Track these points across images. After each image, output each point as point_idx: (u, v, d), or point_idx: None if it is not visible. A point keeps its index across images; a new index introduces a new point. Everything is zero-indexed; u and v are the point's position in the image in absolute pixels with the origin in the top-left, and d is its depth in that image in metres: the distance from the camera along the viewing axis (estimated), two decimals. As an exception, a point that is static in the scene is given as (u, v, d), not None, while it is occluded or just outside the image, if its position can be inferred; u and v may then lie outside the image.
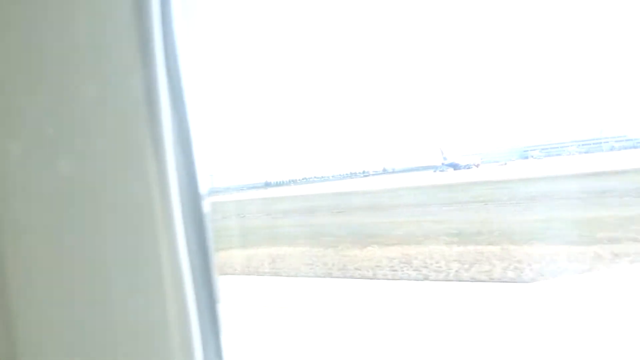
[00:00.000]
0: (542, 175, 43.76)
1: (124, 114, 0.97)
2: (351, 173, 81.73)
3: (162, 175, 1.00)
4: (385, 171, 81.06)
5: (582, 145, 74.97)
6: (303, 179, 78.69)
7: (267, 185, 70.33)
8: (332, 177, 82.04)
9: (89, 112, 0.95)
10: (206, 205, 1.11)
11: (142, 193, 0.99)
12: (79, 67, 0.96)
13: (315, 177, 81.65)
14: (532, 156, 71.33)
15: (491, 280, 11.52)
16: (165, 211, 1.01)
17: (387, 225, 25.38)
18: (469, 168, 61.20)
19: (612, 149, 71.41)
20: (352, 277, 13.88)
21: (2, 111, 0.93)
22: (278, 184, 73.41)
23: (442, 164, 62.41)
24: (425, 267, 14.12)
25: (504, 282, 11.93)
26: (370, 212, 32.91)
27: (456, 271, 13.26)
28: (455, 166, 60.88)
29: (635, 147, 71.13)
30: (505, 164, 63.99)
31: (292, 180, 76.64)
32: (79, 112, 0.95)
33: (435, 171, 62.19)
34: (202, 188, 1.12)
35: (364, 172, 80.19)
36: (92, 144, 0.96)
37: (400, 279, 13.13)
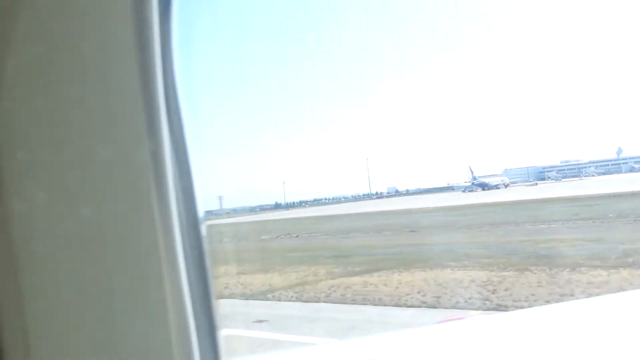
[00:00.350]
0: (602, 193, 41.02)
1: (127, 146, 1.01)
2: (365, 194, 78.85)
3: (164, 203, 1.03)
4: (398, 193, 78.42)
5: (600, 166, 74.52)
6: (314, 200, 74.97)
7: (277, 206, 66.34)
8: (344, 198, 78.80)
9: (96, 148, 1.01)
10: (204, 230, 1.16)
11: (146, 222, 1.03)
12: (88, 115, 1.02)
13: (326, 199, 78.08)
14: (549, 177, 70.40)
15: None
16: (166, 237, 1.04)
17: (534, 244, 21.74)
18: (497, 188, 59.44)
19: (631, 170, 70.98)
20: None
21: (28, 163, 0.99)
22: (289, 206, 69.59)
23: (472, 183, 60.84)
24: None
25: None
26: (470, 231, 29.21)
27: None
28: (484, 186, 59.20)
29: (656, 168, 70.06)
30: (536, 184, 62.94)
31: (303, 202, 72.94)
32: (87, 148, 1.01)
33: (464, 191, 60.82)
34: (201, 213, 1.16)
35: (377, 193, 77.39)
36: (100, 175, 1.01)
37: None
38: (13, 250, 0.98)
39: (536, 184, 61.56)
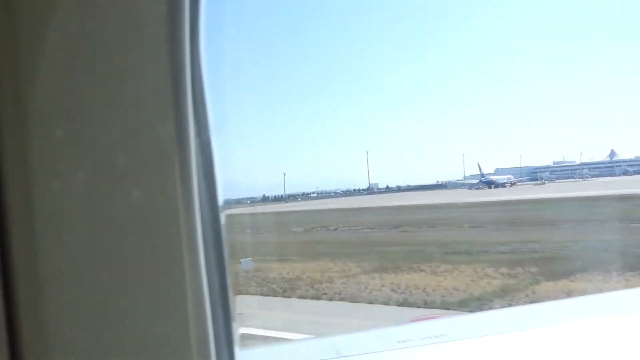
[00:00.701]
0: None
1: (155, 137, 1.05)
2: (355, 189, 75.06)
3: (187, 193, 1.05)
4: (389, 189, 75.06)
5: (594, 168, 74.36)
6: (303, 194, 70.00)
7: (265, 199, 61.28)
8: (334, 193, 74.71)
9: (126, 141, 1.04)
10: (223, 218, 1.17)
11: (169, 212, 1.05)
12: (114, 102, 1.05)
13: (314, 193, 73.49)
14: (542, 178, 69.99)
15: None
16: (189, 228, 1.05)
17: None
18: (504, 186, 58.26)
19: (625, 172, 70.95)
20: None
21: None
22: (277, 199, 64.91)
23: (480, 181, 59.19)
24: None
25: None
26: (556, 228, 25.54)
27: None
28: (490, 183, 57.75)
29: (651, 172, 70.04)
30: (544, 183, 61.57)
31: (292, 195, 68.05)
32: (114, 136, 1.04)
33: (470, 188, 59.17)
34: (221, 202, 1.17)
35: (368, 188, 73.87)
36: (127, 164, 1.04)
37: None
38: (34, 230, 0.99)
39: (544, 183, 60.28)
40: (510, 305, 12.84)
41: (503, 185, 58.83)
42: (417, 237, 26.43)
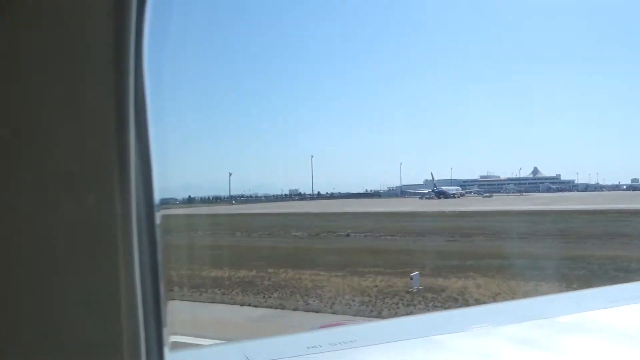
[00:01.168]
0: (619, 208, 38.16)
1: (96, 136, 1.07)
2: (285, 195, 70.19)
3: (126, 198, 1.06)
4: (320, 195, 70.82)
5: (519, 184, 76.26)
6: (231, 197, 63.14)
7: (191, 200, 54.04)
8: (264, 197, 69.51)
9: (66, 140, 1.05)
10: (158, 218, 1.19)
11: (106, 216, 1.06)
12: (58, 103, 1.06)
13: (245, 196, 67.33)
14: (472, 191, 70.67)
15: None
16: (124, 232, 1.07)
17: None
18: (454, 197, 57.81)
19: (548, 189, 73.30)
20: None
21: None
22: (204, 201, 57.75)
23: (433, 191, 59.69)
24: None
25: None
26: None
27: None
28: (440, 193, 57.47)
29: (570, 190, 73.10)
30: (491, 195, 61.43)
31: (217, 197, 61.04)
32: (54, 139, 1.05)
33: (422, 198, 58.41)
34: (156, 202, 1.19)
35: (299, 194, 69.60)
36: (66, 167, 1.05)
37: None
38: None
39: (491, 196, 60.06)
40: None
41: (453, 195, 59.87)
42: (486, 247, 21.39)
